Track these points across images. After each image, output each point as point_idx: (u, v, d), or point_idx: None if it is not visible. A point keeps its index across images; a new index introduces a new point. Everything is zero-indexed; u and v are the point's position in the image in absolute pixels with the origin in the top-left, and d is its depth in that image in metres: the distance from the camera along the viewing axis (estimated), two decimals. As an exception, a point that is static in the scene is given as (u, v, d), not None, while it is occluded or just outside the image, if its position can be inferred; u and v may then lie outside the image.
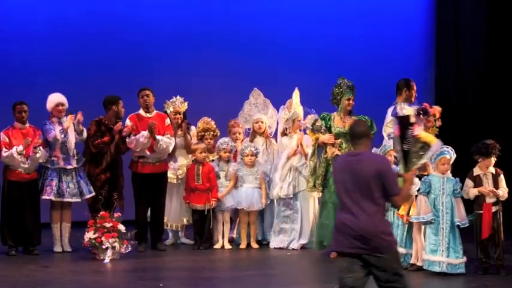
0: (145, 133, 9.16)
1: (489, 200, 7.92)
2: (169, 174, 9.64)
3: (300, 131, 9.52)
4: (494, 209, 7.92)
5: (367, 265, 5.30)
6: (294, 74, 11.45)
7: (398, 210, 7.97)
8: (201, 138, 9.85)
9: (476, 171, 8.05)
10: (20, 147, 8.88)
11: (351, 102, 9.01)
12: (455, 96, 12.54)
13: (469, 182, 8.05)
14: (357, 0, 12.63)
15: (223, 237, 9.61)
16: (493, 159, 8.03)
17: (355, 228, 5.28)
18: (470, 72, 12.55)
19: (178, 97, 9.77)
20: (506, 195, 8.00)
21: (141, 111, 9.44)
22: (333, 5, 12.54)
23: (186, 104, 9.77)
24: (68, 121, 9.13)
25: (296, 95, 9.64)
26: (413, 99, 8.77)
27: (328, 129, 9.00)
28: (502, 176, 8.03)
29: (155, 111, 9.50)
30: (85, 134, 9.29)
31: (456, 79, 12.60)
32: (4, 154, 8.93)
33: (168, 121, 9.50)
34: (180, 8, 12.05)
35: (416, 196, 8.05)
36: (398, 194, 5.39)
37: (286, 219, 9.57)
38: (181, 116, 9.75)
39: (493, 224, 7.89)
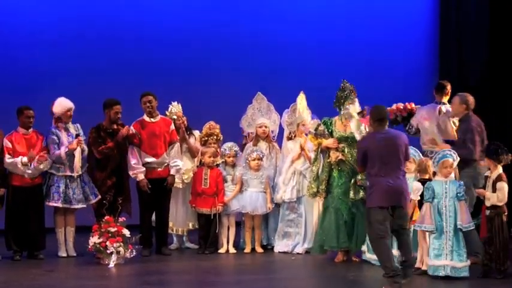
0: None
1: (486, 203, 7.90)
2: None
3: (306, 135, 9.52)
4: (487, 212, 7.86)
5: (392, 214, 7.32)
6: (297, 79, 11.44)
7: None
8: (204, 143, 9.85)
9: (487, 172, 8.04)
10: (25, 159, 8.91)
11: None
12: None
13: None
14: (360, 4, 12.63)
15: (228, 242, 9.64)
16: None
17: (394, 188, 7.22)
18: (473, 74, 12.53)
19: (173, 103, 9.77)
20: (498, 203, 7.82)
21: (145, 117, 9.41)
22: (336, 8, 12.55)
23: (180, 105, 9.79)
24: (75, 144, 9.06)
25: (302, 98, 9.63)
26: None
27: (330, 134, 8.99)
28: (502, 184, 7.81)
29: (159, 116, 9.48)
30: (86, 152, 9.23)
31: (459, 80, 12.58)
32: (8, 161, 8.95)
33: (172, 126, 9.49)
34: (185, 12, 12.08)
35: (419, 201, 8.07)
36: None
37: (290, 223, 9.57)
38: (185, 117, 9.76)
39: (491, 228, 7.85)
